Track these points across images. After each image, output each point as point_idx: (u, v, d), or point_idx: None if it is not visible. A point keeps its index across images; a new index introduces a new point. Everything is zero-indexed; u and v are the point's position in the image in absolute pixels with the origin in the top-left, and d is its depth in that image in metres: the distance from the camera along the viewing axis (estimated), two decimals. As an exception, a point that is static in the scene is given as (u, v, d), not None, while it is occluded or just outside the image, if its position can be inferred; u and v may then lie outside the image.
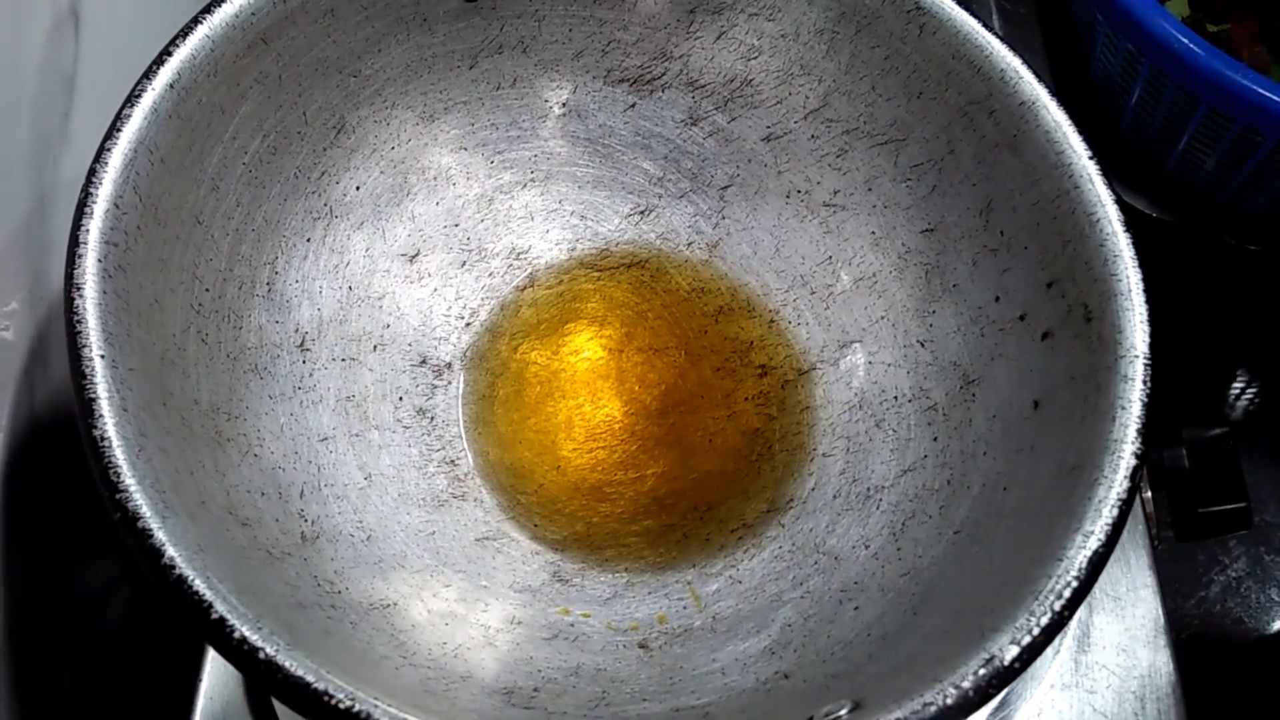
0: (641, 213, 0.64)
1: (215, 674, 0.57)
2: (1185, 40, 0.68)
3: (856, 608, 0.50)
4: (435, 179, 0.61)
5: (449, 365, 0.60)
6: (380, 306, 0.59)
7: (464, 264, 0.62)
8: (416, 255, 0.60)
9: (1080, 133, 0.51)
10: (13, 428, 0.55)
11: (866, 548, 0.53)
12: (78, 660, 0.62)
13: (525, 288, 0.62)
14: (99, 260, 0.43)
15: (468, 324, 0.61)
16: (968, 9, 0.55)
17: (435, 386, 0.59)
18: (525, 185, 0.63)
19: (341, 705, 0.36)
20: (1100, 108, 0.84)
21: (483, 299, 0.62)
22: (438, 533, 0.54)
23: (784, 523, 0.56)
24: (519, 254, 0.63)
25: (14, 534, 0.55)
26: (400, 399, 0.57)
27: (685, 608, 0.53)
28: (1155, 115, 0.76)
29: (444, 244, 0.62)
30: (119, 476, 0.39)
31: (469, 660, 0.48)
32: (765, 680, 0.47)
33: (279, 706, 0.56)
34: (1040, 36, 0.88)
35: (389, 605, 0.48)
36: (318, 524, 0.50)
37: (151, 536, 0.38)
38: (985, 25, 0.54)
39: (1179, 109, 0.73)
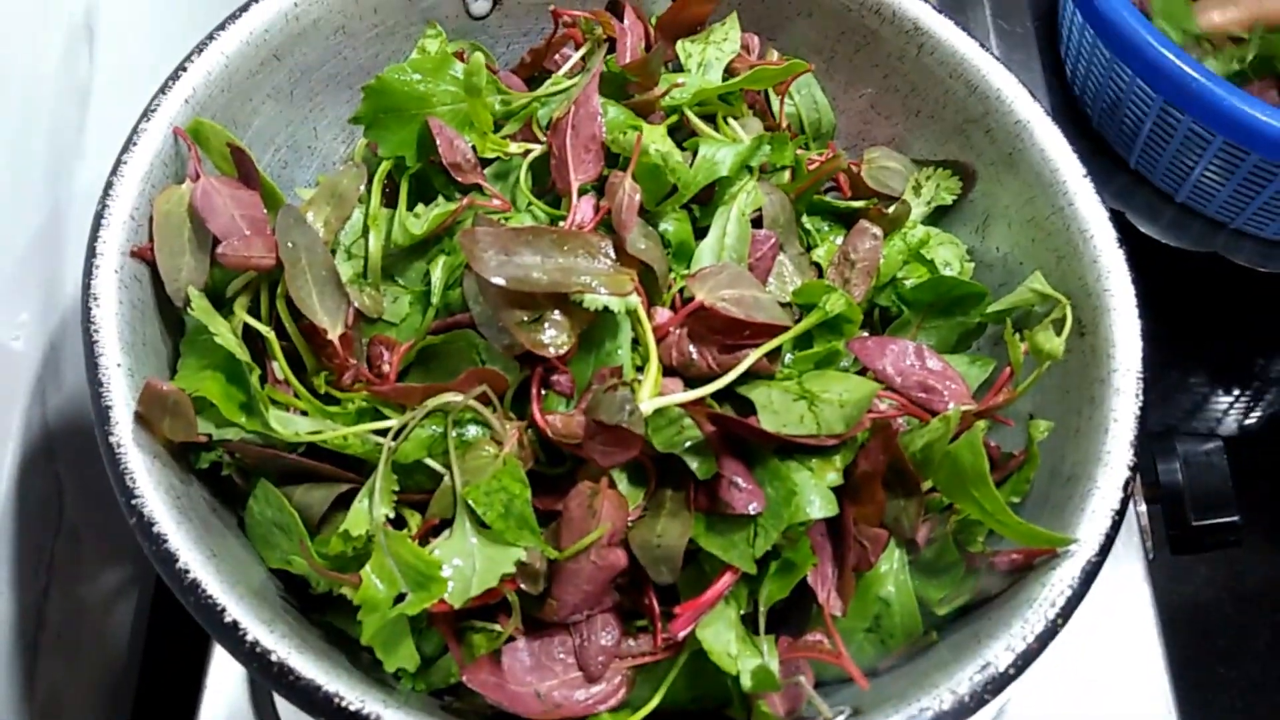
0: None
1: (220, 679, 0.58)
2: (1203, 78, 0.70)
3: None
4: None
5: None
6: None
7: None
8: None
9: (1076, 151, 0.52)
10: (24, 436, 0.56)
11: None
12: (85, 664, 0.63)
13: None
14: (116, 271, 0.44)
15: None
16: (965, 29, 0.56)
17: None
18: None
19: (351, 707, 0.37)
20: (1081, 116, 0.86)
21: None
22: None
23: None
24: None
25: (24, 540, 0.56)
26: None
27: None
28: (1166, 149, 0.77)
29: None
30: (135, 482, 0.40)
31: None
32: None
33: (283, 712, 0.57)
34: (1038, 55, 0.90)
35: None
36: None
37: (167, 541, 0.39)
38: (982, 45, 0.55)
39: (1192, 143, 0.75)
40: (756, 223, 0.51)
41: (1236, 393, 0.86)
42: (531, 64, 0.57)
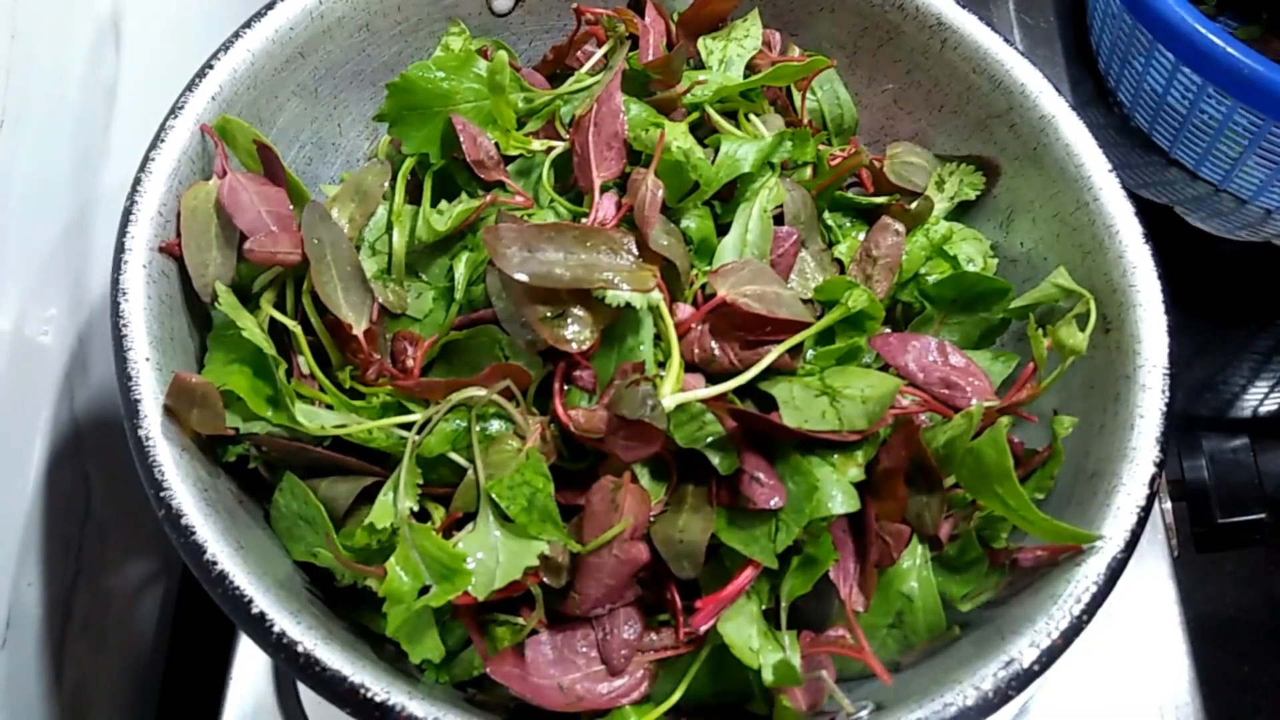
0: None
1: (245, 670, 0.58)
2: (1255, 62, 0.70)
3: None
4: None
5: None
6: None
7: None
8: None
9: (1106, 142, 0.52)
10: (53, 430, 0.56)
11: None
12: (112, 655, 0.64)
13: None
14: (144, 266, 0.45)
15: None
16: (988, 24, 0.56)
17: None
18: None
19: (376, 698, 0.37)
20: (1112, 105, 0.85)
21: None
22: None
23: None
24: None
25: (53, 533, 0.56)
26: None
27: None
28: (1210, 136, 0.76)
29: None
30: (163, 475, 0.40)
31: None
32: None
33: (308, 703, 0.57)
34: (1061, 49, 0.89)
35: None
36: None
37: (195, 533, 0.39)
38: (1006, 40, 0.55)
39: (1243, 130, 0.73)
40: (778, 219, 0.51)
41: (1267, 385, 0.85)
42: (554, 61, 0.57)
